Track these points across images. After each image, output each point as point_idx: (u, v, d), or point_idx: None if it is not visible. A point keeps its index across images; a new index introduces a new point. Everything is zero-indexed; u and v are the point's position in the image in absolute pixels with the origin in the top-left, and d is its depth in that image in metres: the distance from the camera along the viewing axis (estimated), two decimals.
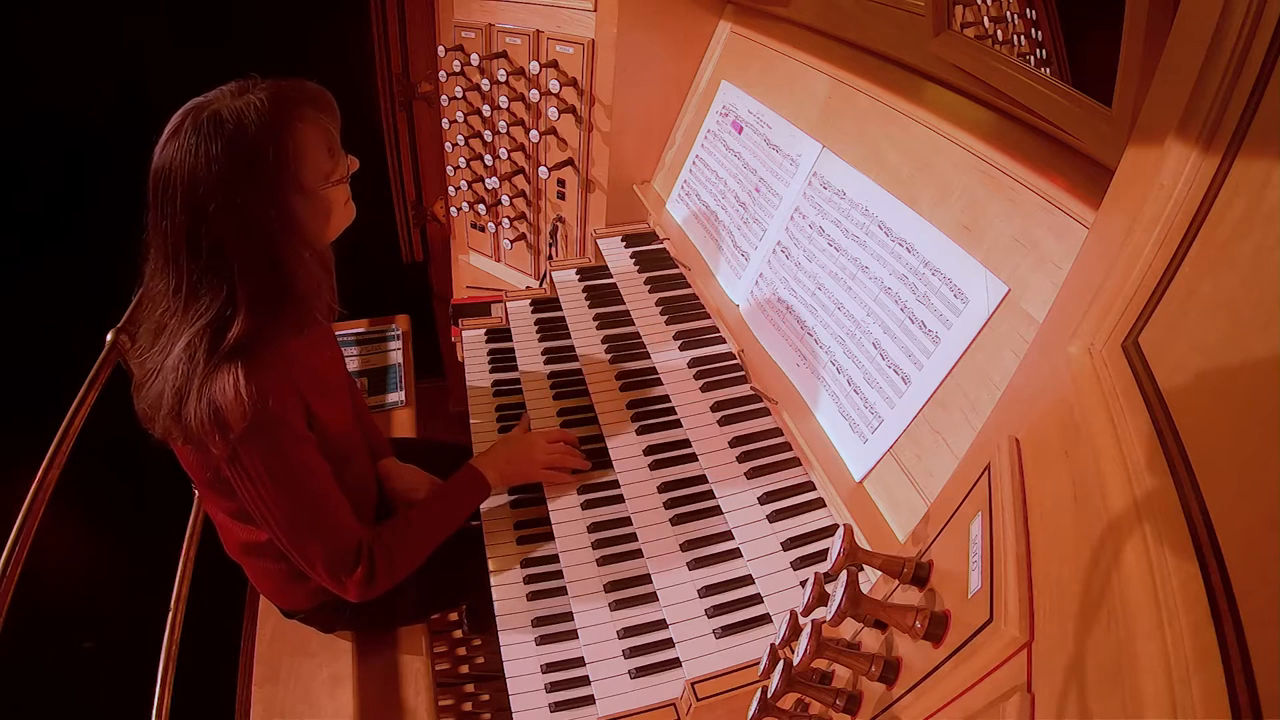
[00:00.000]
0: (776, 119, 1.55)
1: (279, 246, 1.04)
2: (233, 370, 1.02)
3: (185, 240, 1.00)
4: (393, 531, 1.28)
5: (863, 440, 1.14)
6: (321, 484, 1.18)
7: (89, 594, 2.17)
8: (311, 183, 1.05)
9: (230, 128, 0.97)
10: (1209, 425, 0.46)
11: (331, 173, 1.08)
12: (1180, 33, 0.59)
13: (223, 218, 0.98)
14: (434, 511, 1.36)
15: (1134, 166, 0.66)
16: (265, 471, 1.10)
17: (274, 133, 0.99)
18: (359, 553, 1.22)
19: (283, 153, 1.00)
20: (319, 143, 1.06)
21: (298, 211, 1.05)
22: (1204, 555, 0.40)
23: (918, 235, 1.13)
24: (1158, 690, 0.37)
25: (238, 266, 1.01)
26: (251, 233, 1.00)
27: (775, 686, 0.68)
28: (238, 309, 1.02)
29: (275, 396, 1.06)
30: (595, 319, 1.68)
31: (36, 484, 1.38)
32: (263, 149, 0.98)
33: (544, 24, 1.87)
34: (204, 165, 0.96)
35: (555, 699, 1.22)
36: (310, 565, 1.20)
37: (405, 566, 1.29)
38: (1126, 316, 0.59)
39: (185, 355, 1.03)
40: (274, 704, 1.44)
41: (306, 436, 1.16)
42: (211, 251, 1.00)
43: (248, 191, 0.98)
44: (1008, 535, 0.58)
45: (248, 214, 0.99)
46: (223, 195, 0.97)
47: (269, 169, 0.99)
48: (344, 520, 1.21)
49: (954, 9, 1.08)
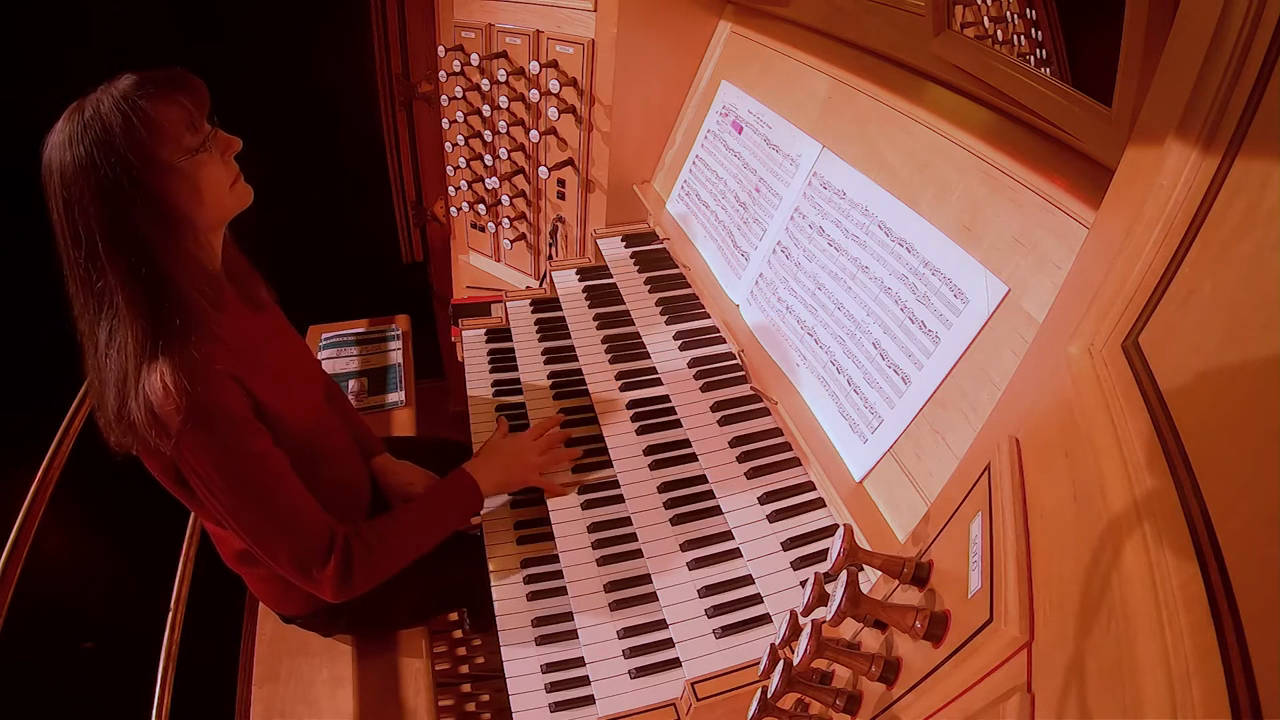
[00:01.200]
0: (776, 119, 1.55)
1: (143, 228, 1.00)
2: (160, 367, 1.01)
3: (67, 233, 1.00)
4: (374, 529, 1.25)
5: (863, 440, 1.14)
6: (276, 474, 1.14)
7: (89, 594, 2.17)
8: (168, 156, 1.02)
9: (87, 113, 0.98)
10: (1209, 425, 0.46)
11: (192, 145, 1.05)
12: (1180, 33, 0.59)
13: (87, 203, 0.98)
14: (421, 511, 1.33)
15: (1134, 166, 0.66)
16: (211, 465, 1.07)
17: (123, 110, 0.98)
18: (331, 546, 1.17)
19: (131, 128, 0.98)
20: (175, 118, 1.03)
21: (158, 189, 1.02)
22: (1204, 555, 0.40)
23: (918, 235, 1.13)
24: (1158, 690, 0.37)
25: (104, 252, 0.99)
26: (114, 214, 0.99)
27: (775, 686, 0.68)
28: (127, 301, 1.01)
29: (207, 386, 1.03)
30: (595, 319, 1.68)
31: (36, 484, 1.38)
32: (112, 125, 0.98)
33: (544, 24, 1.87)
34: (67, 152, 0.97)
35: (555, 699, 1.22)
36: (276, 560, 1.16)
37: (386, 566, 1.25)
38: (1126, 316, 0.59)
39: (116, 356, 1.02)
40: (274, 704, 1.44)
41: (254, 426, 1.11)
42: (88, 242, 0.99)
43: (103, 170, 0.97)
44: (1008, 535, 0.58)
45: (106, 193, 0.98)
46: (84, 180, 0.97)
47: (120, 145, 0.98)
48: (308, 512, 1.17)
49: (954, 9, 1.08)
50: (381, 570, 1.24)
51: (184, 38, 2.15)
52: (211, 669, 1.61)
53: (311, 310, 2.35)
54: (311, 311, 2.35)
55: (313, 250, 2.45)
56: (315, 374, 1.43)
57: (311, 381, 1.38)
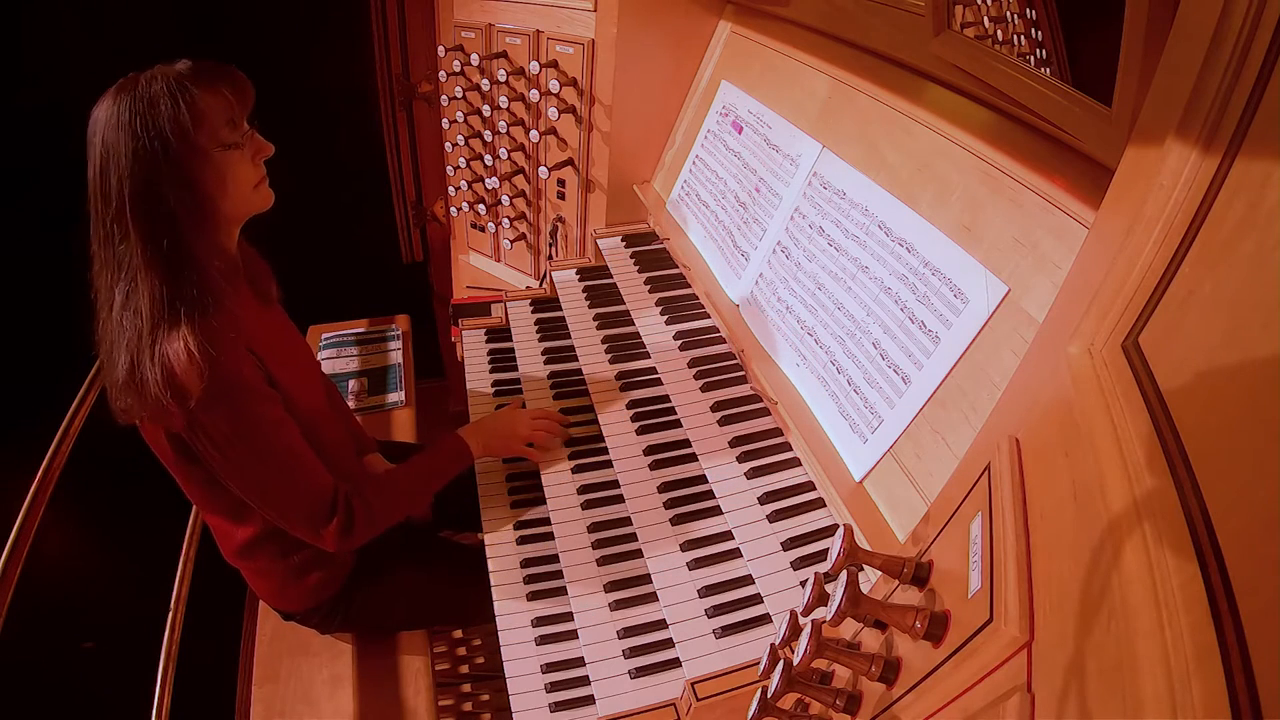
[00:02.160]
0: (776, 119, 1.55)
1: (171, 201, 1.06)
2: (181, 333, 1.05)
3: (99, 191, 1.05)
4: (372, 485, 1.33)
5: (863, 440, 1.14)
6: (288, 440, 1.20)
7: (89, 594, 2.17)
8: (204, 142, 1.08)
9: (140, 85, 1.05)
10: (1209, 425, 0.46)
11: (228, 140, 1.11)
12: (1180, 32, 0.59)
13: (122, 165, 1.03)
14: (415, 470, 1.41)
15: (1134, 166, 0.66)
16: (230, 431, 1.12)
17: (171, 89, 1.05)
18: (334, 503, 1.25)
19: (176, 106, 1.05)
20: (218, 109, 1.09)
21: (188, 169, 1.07)
22: (1204, 555, 0.40)
23: (918, 235, 1.13)
24: (1158, 690, 0.37)
25: (131, 215, 1.04)
26: (145, 180, 1.04)
27: (775, 686, 0.68)
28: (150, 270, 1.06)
29: (228, 355, 1.09)
30: (595, 319, 1.68)
31: (36, 484, 1.38)
32: (159, 100, 1.04)
33: (544, 24, 1.87)
34: (113, 119, 1.04)
35: (555, 699, 1.22)
36: (286, 520, 1.24)
37: (384, 519, 1.33)
38: (1126, 316, 0.59)
39: (131, 317, 1.06)
40: (274, 704, 1.44)
41: (268, 394, 1.17)
42: (117, 201, 1.04)
43: (142, 139, 1.03)
44: (1008, 535, 0.58)
45: (141, 160, 1.04)
46: (124, 146, 1.03)
47: (163, 122, 1.04)
48: (316, 472, 1.24)
49: (954, 9, 1.08)
50: (379, 524, 1.32)
51: (185, 37, 2.15)
52: (211, 669, 1.61)
53: (311, 310, 2.35)
54: (311, 311, 2.35)
55: (313, 250, 2.44)
56: (317, 371, 1.48)
57: (314, 376, 1.43)
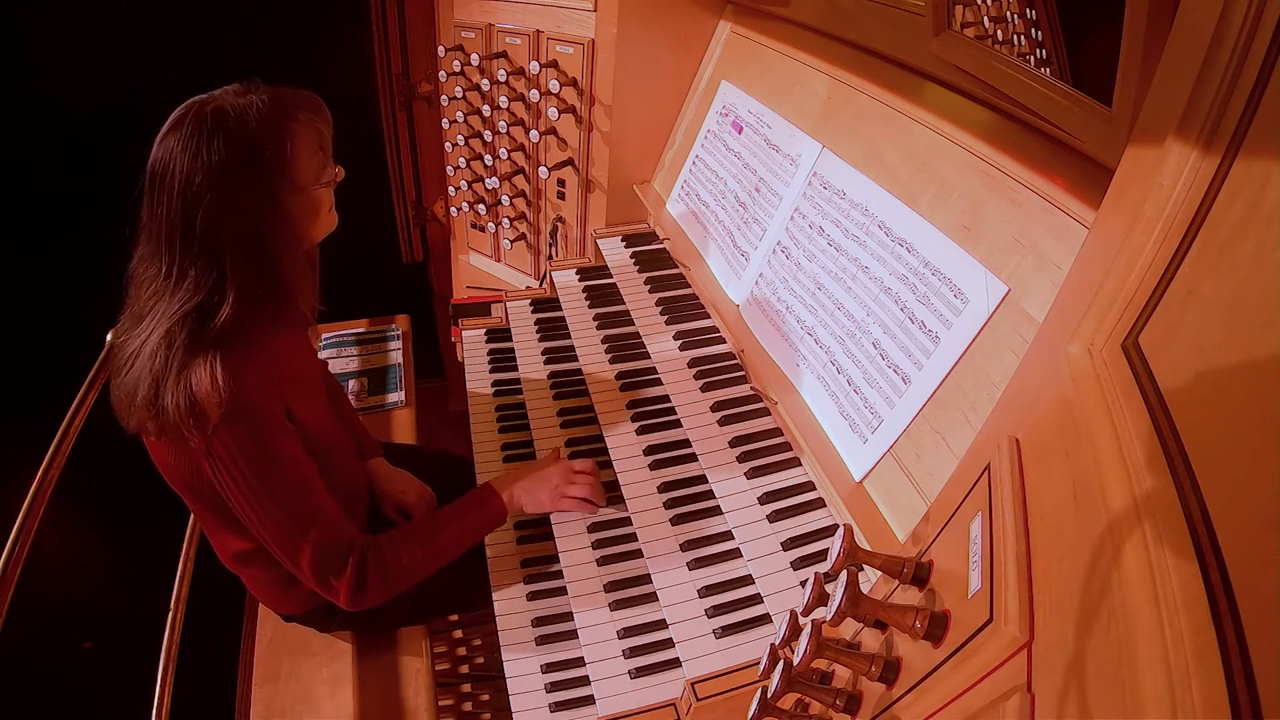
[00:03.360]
0: (776, 119, 1.55)
1: (271, 238, 1.08)
2: (211, 359, 1.04)
3: (180, 228, 1.03)
4: (393, 541, 1.23)
5: (863, 440, 1.14)
6: (306, 477, 1.16)
7: (89, 594, 2.17)
8: (304, 180, 1.10)
9: (232, 122, 1.03)
10: (1209, 425, 0.46)
11: (322, 174, 1.14)
12: (1180, 33, 0.59)
13: (219, 206, 1.03)
14: (442, 529, 1.29)
15: (1134, 166, 0.66)
16: (245, 462, 1.09)
17: (273, 130, 1.05)
18: (349, 554, 1.18)
19: (280, 149, 1.06)
20: (313, 144, 1.11)
21: (289, 207, 1.10)
22: (1204, 555, 0.40)
23: (917, 235, 1.13)
24: (1158, 690, 0.37)
25: (229, 254, 1.04)
26: (246, 222, 1.05)
27: (775, 686, 0.68)
28: (226, 296, 1.05)
29: (254, 388, 1.08)
30: (595, 319, 1.68)
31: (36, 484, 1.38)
32: (262, 143, 1.04)
33: (544, 24, 1.87)
34: (205, 156, 1.01)
35: (555, 699, 1.22)
36: (296, 565, 1.17)
37: (402, 580, 1.23)
38: (1126, 316, 0.59)
39: (165, 341, 1.04)
40: (274, 704, 1.44)
41: (287, 428, 1.15)
42: (205, 239, 1.03)
43: (245, 182, 1.03)
44: (1008, 535, 0.58)
45: (243, 203, 1.04)
46: (220, 185, 1.02)
47: (266, 162, 1.05)
48: (332, 517, 1.18)
49: (954, 9, 1.08)
50: (397, 584, 1.23)
51: (185, 37, 2.15)
52: (211, 669, 1.61)
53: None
54: None
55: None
56: (325, 377, 1.47)
57: (323, 387, 1.40)
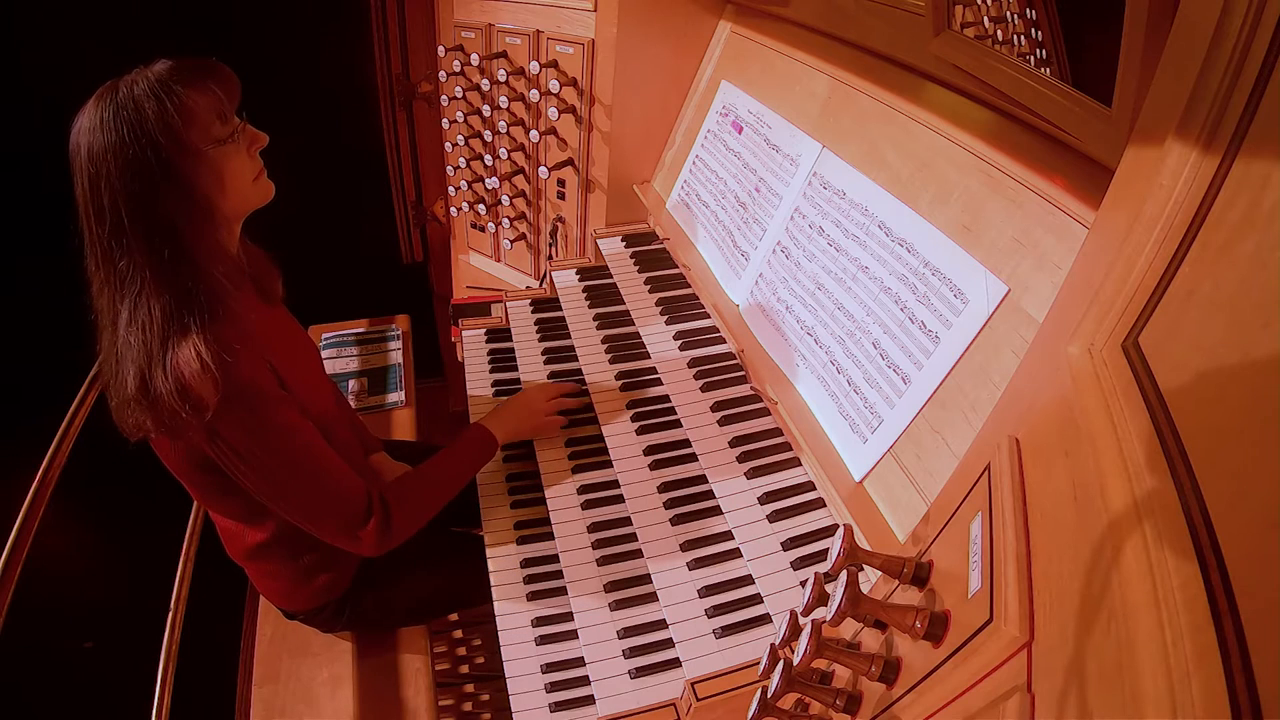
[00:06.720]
0: (776, 119, 1.55)
1: (169, 208, 1.03)
2: (191, 341, 1.02)
3: (91, 210, 1.02)
4: (404, 484, 1.32)
5: (863, 440, 1.14)
6: (309, 442, 1.17)
7: (89, 594, 2.17)
8: (196, 142, 1.05)
9: (120, 94, 1.01)
10: (1209, 425, 0.46)
11: (221, 135, 1.08)
12: (1180, 32, 0.59)
13: (114, 180, 1.00)
14: (443, 465, 1.39)
15: (1134, 166, 0.66)
16: (251, 440, 1.09)
17: (157, 95, 1.01)
18: (369, 505, 1.22)
19: (164, 111, 1.01)
20: (207, 106, 1.06)
21: (185, 172, 1.04)
22: (1204, 555, 0.40)
23: (918, 235, 1.13)
24: (1158, 690, 0.37)
25: (129, 229, 1.01)
26: (141, 192, 1.01)
27: (775, 686, 0.68)
28: (143, 273, 1.03)
29: (241, 361, 1.06)
30: (595, 319, 1.68)
31: (36, 484, 1.38)
32: (144, 106, 1.01)
33: (544, 24, 1.87)
34: (100, 134, 1.00)
35: (555, 699, 1.22)
36: (320, 527, 1.21)
37: (420, 515, 1.31)
38: (1126, 316, 0.59)
39: (138, 333, 1.03)
40: (274, 704, 1.44)
41: (284, 397, 1.14)
42: (113, 217, 1.01)
43: (132, 149, 1.00)
44: (1008, 535, 0.58)
45: (134, 171, 1.00)
46: (112, 158, 1.00)
47: (151, 126, 1.01)
48: (345, 474, 1.21)
49: (954, 9, 1.08)
50: (416, 521, 1.30)
51: (185, 37, 2.15)
52: (211, 669, 1.61)
53: (311, 310, 2.35)
54: (312, 311, 2.35)
55: (313, 250, 2.44)
56: (322, 370, 1.47)
57: (320, 376, 1.41)
